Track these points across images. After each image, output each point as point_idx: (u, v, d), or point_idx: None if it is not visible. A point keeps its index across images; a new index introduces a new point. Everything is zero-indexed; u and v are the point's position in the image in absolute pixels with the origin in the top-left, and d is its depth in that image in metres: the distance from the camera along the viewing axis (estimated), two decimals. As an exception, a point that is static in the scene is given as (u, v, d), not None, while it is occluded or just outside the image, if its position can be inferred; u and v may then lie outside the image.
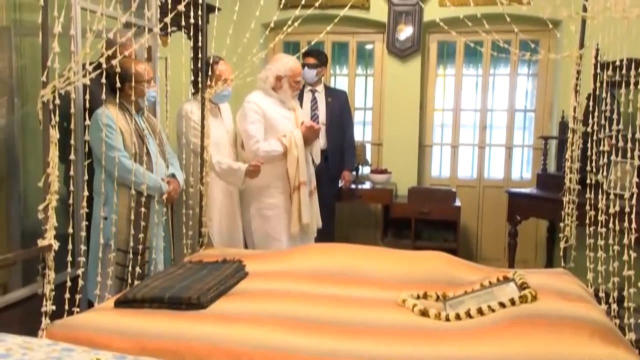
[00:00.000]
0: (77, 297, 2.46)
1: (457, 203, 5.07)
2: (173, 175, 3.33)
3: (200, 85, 3.44)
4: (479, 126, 5.66)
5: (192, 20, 3.11)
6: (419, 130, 5.55)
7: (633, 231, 2.26)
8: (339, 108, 4.86)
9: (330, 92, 4.95)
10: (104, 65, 2.49)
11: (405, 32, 5.36)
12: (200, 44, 3.37)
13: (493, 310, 2.25)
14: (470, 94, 5.67)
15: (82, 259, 2.53)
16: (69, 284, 2.39)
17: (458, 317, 2.26)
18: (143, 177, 2.99)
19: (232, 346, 2.05)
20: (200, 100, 3.43)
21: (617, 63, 2.58)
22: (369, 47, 5.82)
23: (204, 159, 3.45)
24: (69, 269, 2.39)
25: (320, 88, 4.86)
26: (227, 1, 3.63)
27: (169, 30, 3.16)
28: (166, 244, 3.39)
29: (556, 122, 5.08)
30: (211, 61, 3.60)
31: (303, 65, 4.46)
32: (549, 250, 5.16)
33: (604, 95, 2.87)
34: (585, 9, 2.88)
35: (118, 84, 2.69)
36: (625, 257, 2.29)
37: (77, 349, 1.88)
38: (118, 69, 2.61)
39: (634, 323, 2.23)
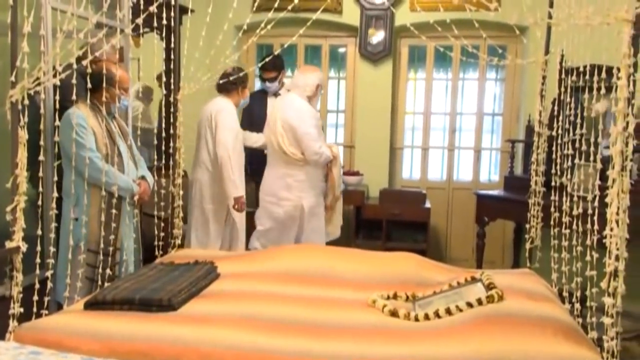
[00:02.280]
0: (46, 299, 2.44)
1: (427, 205, 5.14)
2: (143, 177, 3.31)
3: (172, 86, 3.43)
4: (449, 129, 5.73)
5: (164, 22, 3.10)
6: (390, 133, 5.61)
7: (595, 232, 2.32)
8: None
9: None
10: (89, 66, 2.50)
11: (377, 36, 5.42)
12: (172, 45, 3.36)
13: (461, 310, 2.30)
14: (440, 98, 5.74)
15: (51, 261, 2.50)
16: (37, 286, 2.36)
17: (427, 317, 2.31)
18: (114, 178, 2.98)
19: (204, 347, 2.05)
20: (173, 101, 3.42)
21: (581, 69, 2.65)
22: (341, 50, 5.86)
23: (176, 160, 3.44)
24: (38, 271, 2.37)
25: (283, 91, 4.71)
26: (200, 3, 3.63)
27: (141, 31, 3.14)
28: (136, 246, 3.37)
29: (523, 125, 5.18)
30: (243, 74, 4.04)
31: (263, 80, 4.55)
32: (515, 251, 5.26)
33: (568, 100, 2.95)
34: (550, 16, 2.96)
35: (89, 85, 2.67)
36: (588, 258, 2.35)
37: (45, 352, 1.86)
38: (89, 70, 2.60)
39: (596, 322, 2.29)
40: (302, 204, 4.03)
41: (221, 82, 4.02)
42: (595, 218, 2.32)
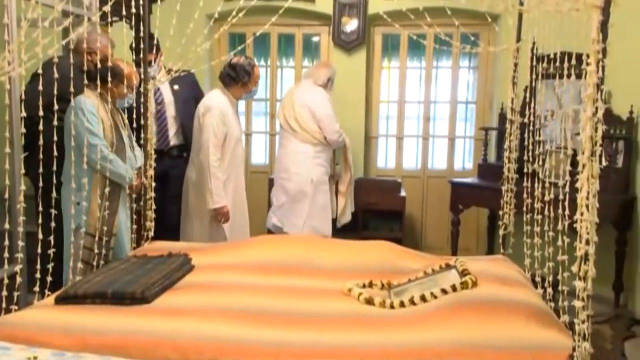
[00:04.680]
0: (15, 294, 2.39)
1: (402, 193, 5.17)
2: (140, 169, 3.36)
3: (142, 76, 3.37)
4: (423, 118, 5.76)
5: (133, 10, 3.04)
6: (364, 122, 5.61)
7: (566, 217, 2.35)
8: (191, 94, 4.29)
9: (174, 78, 3.75)
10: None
11: (351, 24, 5.40)
12: (142, 34, 3.30)
13: (435, 297, 2.32)
14: (414, 86, 5.75)
15: (19, 255, 2.44)
16: (6, 281, 2.31)
17: (402, 304, 2.32)
18: (117, 166, 3.10)
19: (179, 340, 2.03)
20: (143, 91, 3.36)
21: (552, 56, 2.67)
22: (315, 39, 5.83)
23: (148, 151, 3.40)
24: (7, 266, 2.32)
25: (162, 74, 3.98)
26: (170, -9, 3.56)
27: (110, 19, 3.07)
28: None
29: (496, 113, 5.23)
30: (248, 66, 3.94)
31: (138, 64, 3.50)
32: (489, 238, 5.32)
33: (539, 87, 2.97)
34: (521, 3, 2.97)
35: (102, 76, 2.90)
36: (560, 243, 2.38)
37: (14, 348, 1.83)
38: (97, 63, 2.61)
39: (568, 306, 2.32)
40: (311, 177, 4.32)
41: (223, 72, 3.94)
42: (567, 203, 2.34)
